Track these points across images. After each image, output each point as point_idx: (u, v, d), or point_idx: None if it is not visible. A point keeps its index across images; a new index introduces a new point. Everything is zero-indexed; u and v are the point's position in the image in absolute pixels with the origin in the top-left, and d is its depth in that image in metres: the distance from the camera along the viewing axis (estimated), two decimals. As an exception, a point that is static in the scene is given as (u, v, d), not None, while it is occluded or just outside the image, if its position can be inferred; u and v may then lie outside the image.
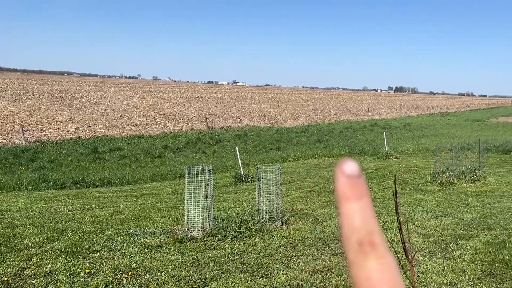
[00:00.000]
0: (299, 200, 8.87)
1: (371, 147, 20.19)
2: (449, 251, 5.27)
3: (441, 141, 22.89)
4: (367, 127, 32.80)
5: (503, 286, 4.19)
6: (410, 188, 9.91)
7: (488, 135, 27.16)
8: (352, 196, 0.34)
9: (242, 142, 22.84)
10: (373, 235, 0.34)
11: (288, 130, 28.60)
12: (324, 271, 4.53)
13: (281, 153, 19.32)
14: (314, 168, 14.62)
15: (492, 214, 7.15)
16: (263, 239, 5.75)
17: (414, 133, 30.14)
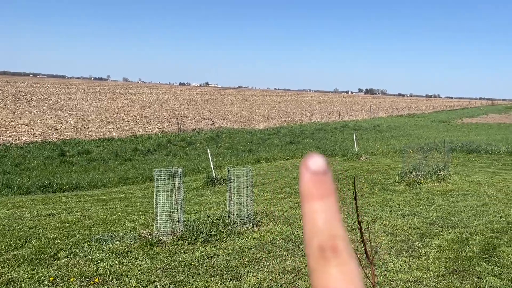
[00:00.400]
0: (270, 202, 8.90)
1: (341, 148, 20.50)
2: (415, 250, 5.41)
3: (409, 141, 23.49)
4: (338, 129, 33.30)
5: (466, 282, 4.33)
6: (379, 188, 10.12)
7: (454, 135, 28.06)
8: (316, 195, 0.32)
9: (214, 144, 22.74)
10: (336, 239, 0.31)
11: (261, 132, 28.69)
12: (294, 272, 4.56)
13: (253, 155, 19.35)
14: (286, 169, 14.72)
15: (456, 213, 7.39)
16: (234, 242, 5.74)
17: (383, 134, 30.80)
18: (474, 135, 27.74)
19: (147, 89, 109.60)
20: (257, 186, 11.27)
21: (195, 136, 24.42)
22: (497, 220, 6.78)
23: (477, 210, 7.51)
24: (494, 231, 6.16)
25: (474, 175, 11.76)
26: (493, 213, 7.24)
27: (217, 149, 21.19)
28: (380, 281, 4.35)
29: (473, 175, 11.75)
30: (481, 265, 4.79)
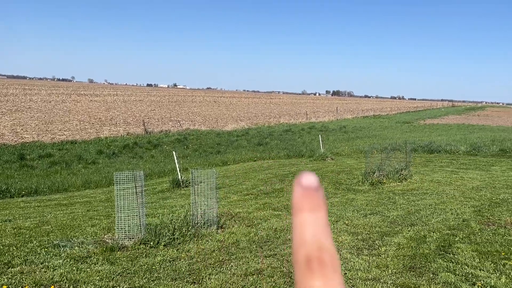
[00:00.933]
0: (236, 203, 8.89)
1: (308, 149, 20.74)
2: (375, 248, 5.54)
3: (373, 142, 24.04)
4: (305, 130, 33.68)
5: (422, 278, 4.47)
6: (343, 188, 10.30)
7: (416, 136, 28.94)
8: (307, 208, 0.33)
9: (181, 146, 22.51)
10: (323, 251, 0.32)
11: (229, 134, 28.64)
12: (256, 274, 4.57)
13: (221, 157, 19.28)
14: (253, 171, 14.75)
15: (415, 211, 7.62)
16: (197, 245, 5.69)
17: (349, 135, 31.40)
18: (436, 136, 28.71)
19: (113, 91, 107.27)
20: (223, 188, 11.24)
21: (162, 138, 24.09)
22: (454, 218, 7.04)
23: (435, 208, 7.77)
24: (450, 228, 6.39)
25: (434, 174, 12.17)
26: (450, 211, 7.51)
27: (184, 151, 20.99)
28: (340, 279, 4.42)
29: (433, 174, 12.15)
30: (437, 262, 4.95)
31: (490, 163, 14.62)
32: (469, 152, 17.87)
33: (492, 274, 4.53)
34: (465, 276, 4.48)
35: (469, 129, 36.04)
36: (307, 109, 60.60)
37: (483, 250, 5.34)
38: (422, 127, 38.82)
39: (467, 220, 6.83)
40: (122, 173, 6.13)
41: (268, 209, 8.16)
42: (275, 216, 7.55)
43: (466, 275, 4.51)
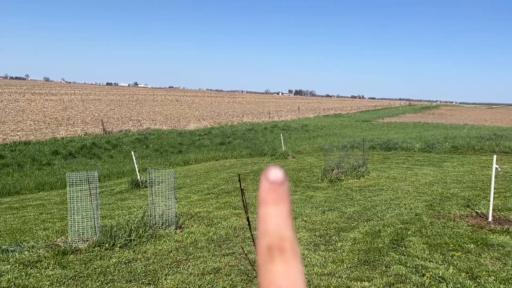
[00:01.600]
0: (197, 203, 8.82)
1: (270, 148, 20.88)
2: (332, 243, 5.65)
3: (334, 140, 24.52)
4: (268, 129, 33.89)
5: (375, 271, 4.60)
6: (303, 186, 10.44)
7: (375, 134, 29.80)
8: (271, 201, 0.34)
9: (142, 146, 22.08)
10: (284, 240, 0.33)
11: (191, 133, 28.37)
12: (213, 273, 4.55)
13: (183, 156, 19.07)
14: (215, 170, 14.69)
15: (371, 207, 7.84)
16: (154, 246, 5.60)
17: (310, 133, 31.88)
18: (393, 134, 29.65)
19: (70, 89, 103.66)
20: (184, 187, 11.12)
21: (121, 138, 23.53)
22: (407, 212, 7.30)
23: (391, 204, 8.03)
24: (403, 222, 6.62)
25: (390, 170, 12.56)
26: (404, 206, 7.78)
27: (144, 151, 20.60)
28: (296, 275, 4.48)
29: (389, 170, 12.54)
30: (390, 255, 5.12)
31: (443, 160, 15.26)
32: (423, 149, 18.56)
33: (440, 265, 4.73)
34: (416, 268, 4.65)
35: (424, 127, 37.48)
36: (270, 108, 61.01)
37: (433, 242, 5.57)
38: (380, 126, 40.00)
39: (419, 214, 7.09)
40: (76, 174, 5.94)
41: (228, 208, 8.15)
42: (235, 215, 7.55)
43: (417, 267, 4.69)
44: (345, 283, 4.27)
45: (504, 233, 5.94)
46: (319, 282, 4.29)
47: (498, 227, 6.25)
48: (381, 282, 4.26)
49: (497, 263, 4.80)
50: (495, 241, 5.60)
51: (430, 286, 4.17)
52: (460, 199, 8.25)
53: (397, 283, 4.26)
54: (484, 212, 7.03)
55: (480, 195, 8.53)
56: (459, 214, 7.10)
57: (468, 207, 7.53)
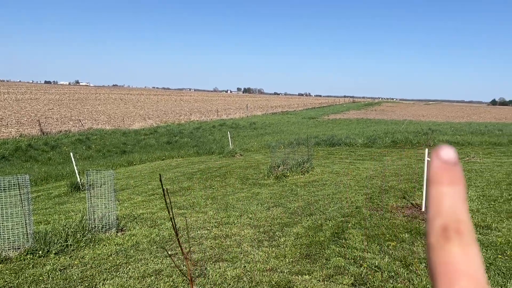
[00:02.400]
0: (140, 204, 8.60)
1: (218, 146, 20.80)
2: (275, 239, 5.72)
3: (281, 137, 24.86)
4: (216, 127, 33.73)
5: (316, 264, 4.72)
6: (249, 183, 10.49)
7: (320, 130, 30.56)
8: (446, 181, 0.32)
9: (83, 147, 21.18)
10: (461, 223, 0.31)
11: (136, 132, 27.60)
12: (154, 275, 4.45)
13: (127, 157, 18.52)
14: (161, 170, 14.39)
15: (315, 201, 8.03)
16: (93, 250, 5.39)
17: (258, 131, 32.12)
18: (337, 130, 30.58)
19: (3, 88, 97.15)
20: (127, 189, 10.80)
21: (61, 139, 22.42)
22: (348, 206, 7.55)
23: (333, 198, 8.27)
24: (344, 216, 6.84)
25: (334, 166, 12.94)
26: (345, 199, 8.04)
27: (86, 152, 19.78)
28: (239, 273, 4.49)
29: (333, 166, 12.92)
30: (330, 248, 5.27)
31: (383, 154, 15.95)
32: (366, 144, 19.31)
33: (377, 255, 4.94)
34: (354, 259, 4.82)
35: (367, 123, 38.97)
36: (219, 107, 60.72)
37: (371, 233, 5.80)
38: (326, 122, 41.09)
39: (360, 207, 7.36)
40: (5, 178, 5.57)
41: (173, 208, 8.01)
42: (180, 215, 7.45)
43: (355, 258, 4.86)
44: (287, 277, 4.34)
45: (435, 222, 6.30)
46: (261, 278, 4.33)
47: (430, 216, 6.63)
48: (321, 275, 4.37)
49: (428, 250, 5.08)
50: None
51: (366, 275, 4.34)
52: (397, 191, 8.65)
53: (336, 274, 4.39)
54: (418, 203, 7.43)
55: (416, 187, 9.00)
56: (396, 205, 7.44)
57: (404, 199, 7.92)
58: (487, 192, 8.29)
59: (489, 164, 12.15)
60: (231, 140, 19.92)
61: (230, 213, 7.34)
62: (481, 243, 5.31)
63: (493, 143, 18.05)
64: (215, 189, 9.91)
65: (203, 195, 9.17)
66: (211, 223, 6.69)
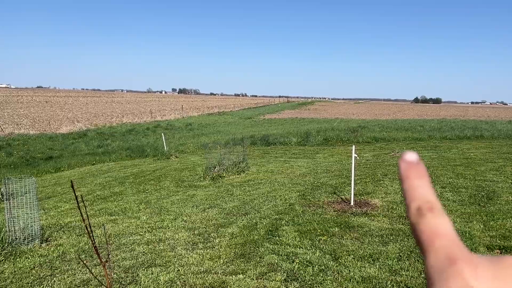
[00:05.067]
0: (68, 212, 8.15)
1: (152, 148, 20.29)
2: (210, 241, 5.70)
3: (218, 138, 24.80)
4: (150, 129, 32.89)
5: (250, 263, 4.77)
6: (185, 186, 10.35)
7: (256, 130, 30.91)
8: (413, 176, 0.39)
9: (4, 154, 19.65)
10: (432, 203, 0.37)
11: (64, 137, 26.12)
12: (82, 285, 4.25)
13: (54, 163, 17.47)
14: (91, 175, 13.76)
15: (250, 200, 8.11)
16: (14, 264, 5.02)
17: (195, 132, 31.78)
18: (273, 129, 31.10)
19: None
20: (54, 196, 10.21)
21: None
22: (282, 203, 7.72)
23: (268, 196, 8.40)
24: (278, 213, 6.98)
25: (269, 164, 13.16)
26: (279, 197, 8.21)
27: (7, 159, 18.37)
28: (172, 277, 4.42)
29: (268, 165, 13.13)
30: (264, 245, 5.35)
31: (316, 151, 16.50)
32: (299, 143, 19.85)
33: (309, 250, 5.10)
34: (287, 255, 4.94)
35: (301, 122, 40.06)
36: (153, 108, 59.23)
37: (303, 229, 5.98)
38: (262, 122, 41.63)
39: (293, 204, 7.56)
40: None
41: (104, 214, 7.69)
42: (111, 221, 7.17)
43: (288, 254, 4.98)
44: (221, 278, 4.34)
45: (363, 215, 6.64)
46: (195, 281, 4.29)
47: (359, 210, 6.97)
48: (254, 273, 4.43)
49: (356, 242, 5.34)
50: (355, 223, 6.23)
51: (298, 271, 4.46)
52: (328, 187, 8.99)
53: (269, 271, 4.46)
54: (347, 198, 7.78)
55: (345, 182, 9.41)
56: (327, 201, 7.73)
57: (335, 194, 8.25)
58: (409, 184, 8.87)
59: (411, 158, 13.02)
60: (165, 142, 19.53)
61: (164, 217, 7.20)
62: (403, 232, 5.67)
63: (415, 138, 19.37)
64: (148, 193, 9.66)
65: (136, 200, 8.90)
66: (144, 228, 6.51)
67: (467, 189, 8.23)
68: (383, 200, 7.56)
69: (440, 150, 14.99)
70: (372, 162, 12.61)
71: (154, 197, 9.17)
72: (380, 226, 5.99)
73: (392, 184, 8.92)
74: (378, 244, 5.23)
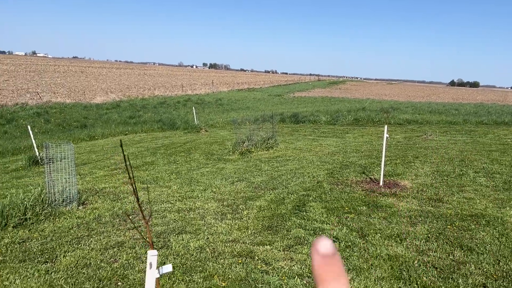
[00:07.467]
0: (102, 179, 8.47)
1: (183, 121, 20.60)
2: (238, 212, 5.83)
3: (247, 114, 24.88)
4: (181, 103, 33.27)
5: (277, 235, 4.86)
6: (214, 159, 10.52)
7: (285, 108, 30.78)
8: (330, 277, 0.33)
9: (42, 121, 20.42)
10: None
11: (98, 107, 26.82)
12: (117, 247, 4.46)
13: (88, 131, 18.03)
14: (124, 145, 14.15)
15: (278, 176, 8.18)
16: (53, 223, 5.31)
17: (224, 107, 31.95)
18: (302, 107, 30.89)
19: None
20: (89, 163, 10.59)
21: (17, 111, 21.50)
22: (310, 180, 7.75)
23: (296, 173, 8.45)
24: (306, 190, 7.03)
25: (298, 142, 13.16)
26: (307, 174, 8.25)
27: (45, 126, 19.09)
28: (202, 244, 4.57)
29: (296, 142, 13.13)
30: (291, 220, 5.43)
31: (346, 131, 16.34)
32: (329, 122, 19.68)
33: (336, 227, 5.15)
34: (314, 230, 5.01)
35: (331, 101, 39.56)
36: (184, 82, 59.74)
37: (330, 206, 6.01)
38: (291, 100, 41.37)
39: (321, 182, 7.58)
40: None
41: (136, 182, 7.95)
42: (143, 189, 7.41)
43: (315, 229, 5.04)
44: (248, 248, 4.46)
45: (391, 196, 6.60)
46: (224, 249, 4.43)
47: (387, 190, 6.93)
48: (281, 245, 4.53)
49: (383, 222, 5.34)
50: (383, 203, 6.21)
51: (325, 245, 4.52)
52: (357, 166, 8.95)
53: (296, 244, 4.55)
54: (377, 178, 7.73)
55: (375, 162, 9.33)
56: (355, 180, 7.72)
57: (363, 174, 8.21)
58: (441, 167, 8.72)
59: (445, 142, 12.72)
60: (196, 116, 19.77)
61: (194, 187, 7.38)
62: (433, 214, 5.63)
63: (449, 122, 18.84)
64: (179, 164, 9.89)
65: (167, 170, 9.13)
66: (174, 197, 6.71)
67: (502, 175, 8.02)
68: (413, 182, 7.47)
69: (475, 135, 14.56)
70: (403, 144, 12.41)
71: (184, 168, 9.38)
72: (409, 207, 5.96)
73: (423, 167, 8.78)
74: (406, 225, 5.21)
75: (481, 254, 4.31)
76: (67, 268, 3.92)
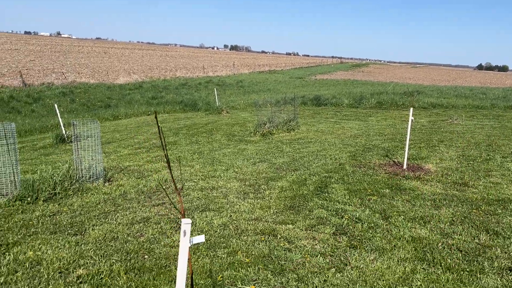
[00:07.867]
0: (126, 157, 8.64)
1: (204, 103, 20.69)
2: (260, 192, 5.87)
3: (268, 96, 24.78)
4: (203, 84, 33.36)
5: (299, 215, 4.89)
6: (235, 140, 10.58)
7: (307, 90, 30.50)
8: None
9: (67, 100, 20.84)
10: None
11: (121, 87, 27.16)
12: (143, 222, 4.58)
13: (112, 111, 18.33)
14: (147, 125, 14.35)
15: (299, 158, 8.18)
16: (81, 198, 5.47)
17: (245, 89, 31.90)
18: (324, 90, 30.55)
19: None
20: (114, 142, 10.80)
21: (44, 91, 21.97)
22: (332, 162, 7.73)
23: (317, 155, 8.43)
24: (328, 172, 7.02)
25: (319, 124, 13.08)
26: (330, 156, 8.21)
27: (70, 105, 19.49)
28: (225, 221, 4.65)
29: (318, 125, 13.05)
30: (313, 200, 5.44)
31: (368, 114, 16.13)
32: (351, 105, 19.44)
33: (358, 208, 5.14)
34: (336, 211, 5.01)
35: (354, 84, 38.96)
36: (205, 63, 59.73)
37: (353, 188, 5.99)
38: (313, 82, 40.94)
39: (343, 164, 7.55)
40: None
41: (160, 161, 8.08)
42: (166, 167, 7.52)
43: (337, 210, 5.05)
44: (271, 226, 4.51)
45: (415, 179, 6.53)
46: (247, 227, 4.49)
47: (411, 173, 6.86)
48: (303, 224, 4.56)
49: (407, 204, 5.30)
50: (407, 186, 6.15)
51: (347, 226, 4.53)
52: (380, 149, 8.85)
53: (318, 224, 4.57)
54: (400, 161, 7.64)
55: (398, 146, 9.21)
56: (378, 163, 7.65)
57: (387, 157, 8.12)
58: (467, 152, 8.55)
59: (471, 126, 12.43)
60: (217, 97, 19.83)
61: (217, 167, 7.45)
62: (458, 198, 5.55)
63: (476, 106, 18.36)
64: (201, 145, 9.98)
65: (190, 150, 9.24)
66: (197, 176, 6.80)
67: (530, 161, 7.81)
68: (438, 166, 7.36)
69: (503, 120, 14.16)
70: (427, 128, 12.19)
71: (206, 148, 9.47)
72: (433, 191, 5.89)
73: (448, 151, 8.63)
74: (430, 208, 5.16)
75: (507, 238, 4.25)
76: (95, 241, 4.05)
